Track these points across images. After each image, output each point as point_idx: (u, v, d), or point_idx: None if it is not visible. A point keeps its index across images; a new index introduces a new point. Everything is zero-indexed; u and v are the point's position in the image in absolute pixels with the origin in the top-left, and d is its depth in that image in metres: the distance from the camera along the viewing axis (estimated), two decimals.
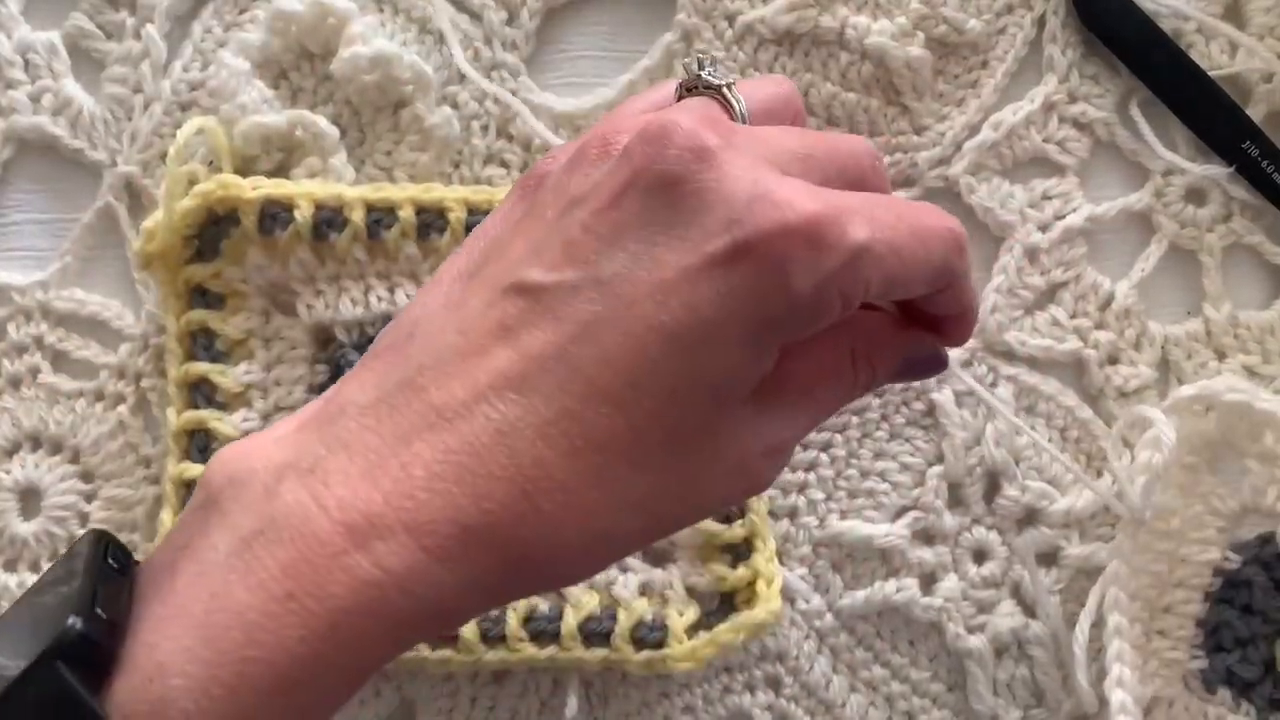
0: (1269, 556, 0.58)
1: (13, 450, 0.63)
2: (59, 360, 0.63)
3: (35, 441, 0.63)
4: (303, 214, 0.57)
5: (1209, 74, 0.63)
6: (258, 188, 0.58)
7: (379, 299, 0.59)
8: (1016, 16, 0.64)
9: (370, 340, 0.58)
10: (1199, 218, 0.63)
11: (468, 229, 0.58)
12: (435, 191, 0.59)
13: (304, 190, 0.58)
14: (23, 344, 0.63)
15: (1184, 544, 0.59)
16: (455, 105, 0.63)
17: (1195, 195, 0.63)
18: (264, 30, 0.62)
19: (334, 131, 0.61)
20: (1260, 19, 0.64)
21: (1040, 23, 0.64)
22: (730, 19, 0.63)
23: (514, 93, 0.63)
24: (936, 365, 0.47)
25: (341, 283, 0.59)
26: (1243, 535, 0.59)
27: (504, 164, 0.63)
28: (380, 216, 0.58)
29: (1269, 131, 0.63)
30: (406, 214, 0.58)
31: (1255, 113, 0.63)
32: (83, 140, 0.64)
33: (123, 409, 0.62)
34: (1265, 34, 0.63)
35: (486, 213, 0.58)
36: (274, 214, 0.58)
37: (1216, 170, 0.62)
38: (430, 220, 0.59)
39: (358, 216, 0.58)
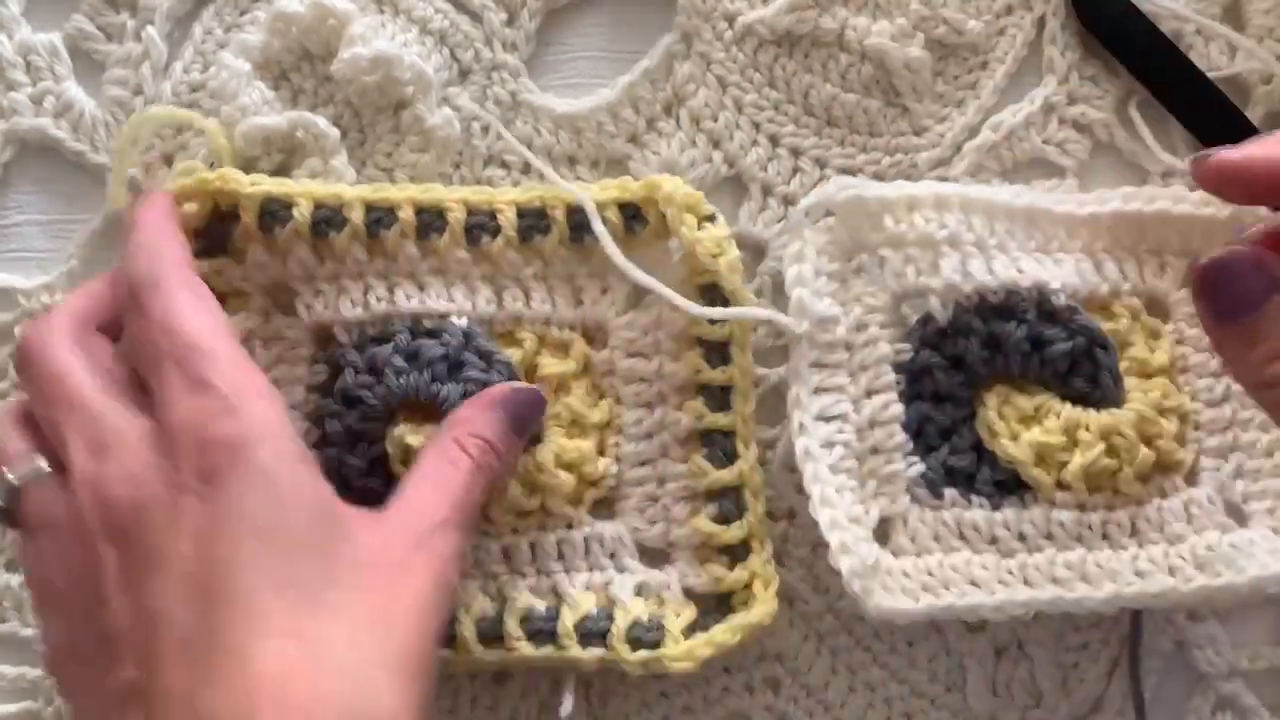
0: (933, 335, 0.59)
1: None
2: None
3: None
4: (302, 211, 0.57)
5: (1208, 75, 0.63)
6: (257, 184, 0.58)
7: (378, 299, 0.58)
8: (1016, 18, 0.64)
9: (370, 340, 0.58)
10: None
11: (468, 230, 0.58)
12: (434, 192, 0.58)
13: (304, 188, 0.58)
14: None
15: (855, 351, 0.59)
16: (456, 107, 0.63)
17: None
18: (264, 31, 0.62)
19: (334, 132, 0.61)
20: (1259, 20, 0.64)
21: (1040, 24, 0.64)
22: (730, 20, 0.63)
23: (513, 94, 0.63)
24: (538, 405, 0.57)
25: (341, 282, 0.58)
26: (907, 322, 0.59)
27: (504, 165, 0.63)
28: (380, 215, 0.58)
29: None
30: (406, 214, 0.58)
31: (1254, 114, 0.63)
32: (84, 143, 0.64)
33: None
34: (1264, 35, 0.64)
35: (488, 213, 0.59)
36: (274, 210, 0.57)
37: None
38: (430, 220, 0.58)
39: (357, 215, 0.57)
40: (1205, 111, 0.63)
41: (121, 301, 0.53)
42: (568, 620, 0.57)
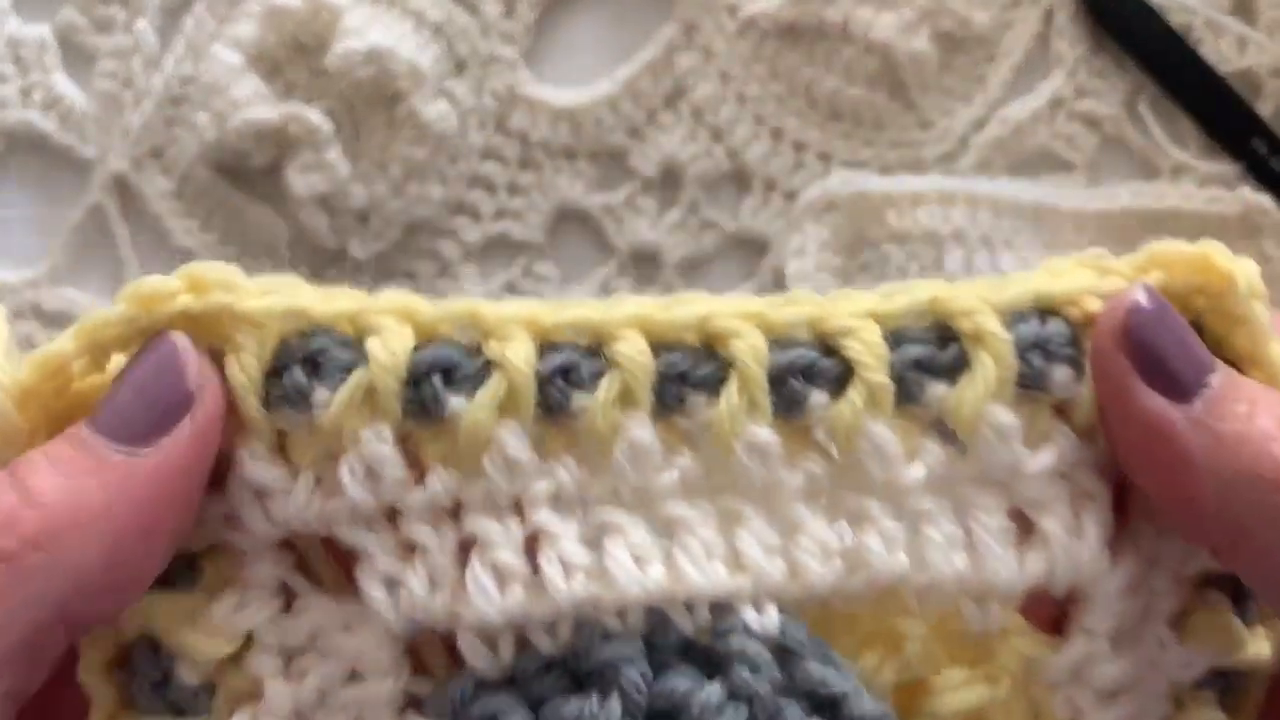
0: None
1: None
2: None
3: None
4: (391, 353, 0.33)
5: (1218, 70, 0.62)
6: (268, 292, 0.34)
7: (564, 566, 0.33)
8: (1023, 10, 0.64)
9: (537, 667, 0.34)
10: None
11: (778, 385, 0.34)
12: (687, 306, 0.35)
13: (392, 304, 0.34)
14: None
15: None
16: (452, 99, 0.63)
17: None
18: (257, 24, 0.62)
19: (328, 126, 0.61)
20: (1270, 14, 0.63)
21: (1048, 17, 0.64)
22: (731, 11, 0.63)
23: (511, 86, 0.63)
24: None
25: (462, 526, 0.34)
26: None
27: (501, 159, 0.63)
28: (569, 363, 0.33)
29: (1279, 127, 0.62)
30: (629, 351, 0.33)
31: (1265, 109, 0.63)
32: (73, 136, 0.63)
33: None
34: (1275, 29, 0.63)
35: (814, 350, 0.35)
36: (314, 357, 0.33)
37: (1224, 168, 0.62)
38: (684, 369, 0.34)
39: (519, 360, 0.33)
40: (1215, 106, 0.63)
41: None
42: None
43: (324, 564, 0.36)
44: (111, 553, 0.32)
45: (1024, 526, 0.35)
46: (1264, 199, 0.62)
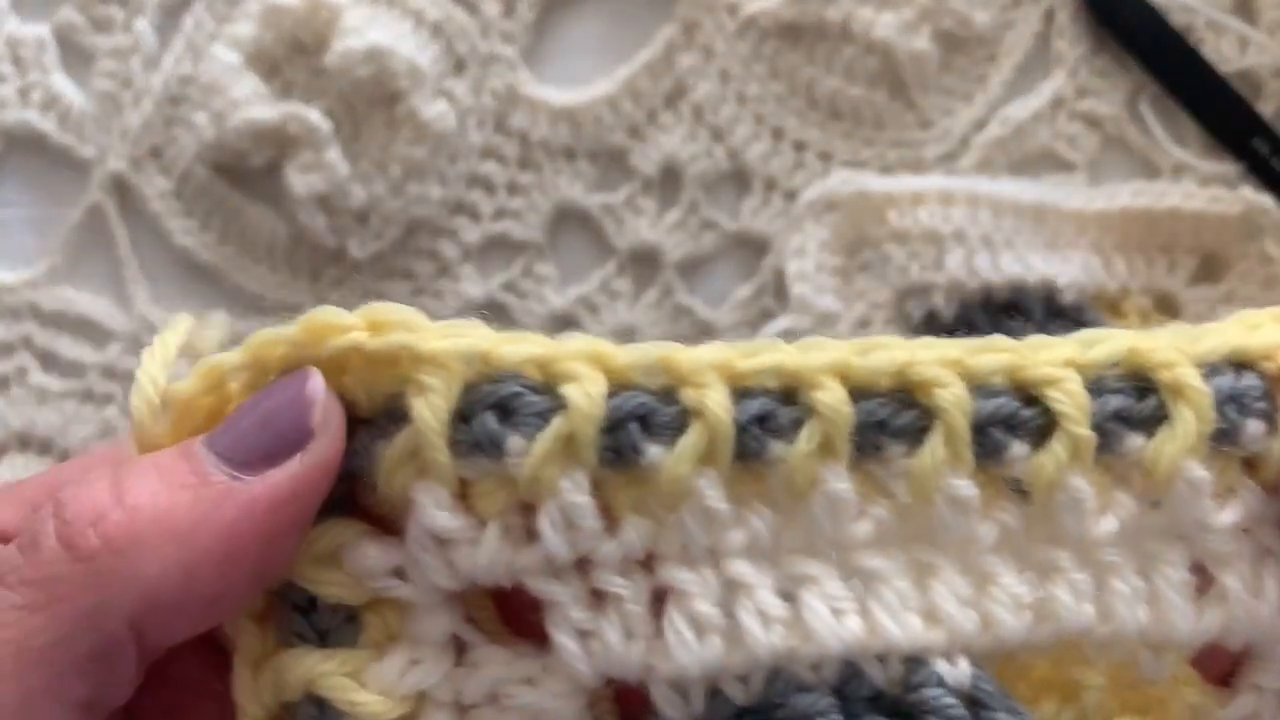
0: (937, 332, 0.57)
1: (1, 451, 0.62)
2: (47, 360, 0.63)
3: (23, 442, 0.63)
4: (588, 395, 0.32)
5: (1219, 70, 0.62)
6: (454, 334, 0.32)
7: (748, 618, 0.33)
8: (1024, 9, 0.63)
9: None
10: None
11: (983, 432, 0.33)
12: (880, 351, 0.33)
13: (582, 349, 0.33)
14: (11, 344, 0.63)
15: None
16: (451, 99, 0.62)
17: None
18: (256, 23, 0.62)
19: (327, 126, 0.60)
20: (1271, 14, 0.63)
21: (1048, 16, 0.63)
22: (732, 11, 0.63)
23: (511, 86, 0.63)
24: None
25: (665, 571, 0.33)
26: (911, 319, 0.58)
27: (501, 159, 0.62)
28: (768, 410, 0.32)
29: None
30: (829, 400, 0.32)
31: (1266, 108, 0.63)
32: (71, 136, 0.63)
33: (111, 410, 0.62)
34: (1276, 29, 0.63)
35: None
36: (507, 399, 0.32)
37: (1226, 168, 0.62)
38: (885, 417, 0.33)
39: (717, 406, 0.32)
40: (1216, 106, 0.62)
41: None
42: None
43: (490, 615, 0.35)
44: (189, 572, 0.32)
45: (1203, 579, 0.35)
46: (1265, 199, 0.62)
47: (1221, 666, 0.37)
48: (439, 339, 0.32)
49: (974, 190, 0.59)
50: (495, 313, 0.63)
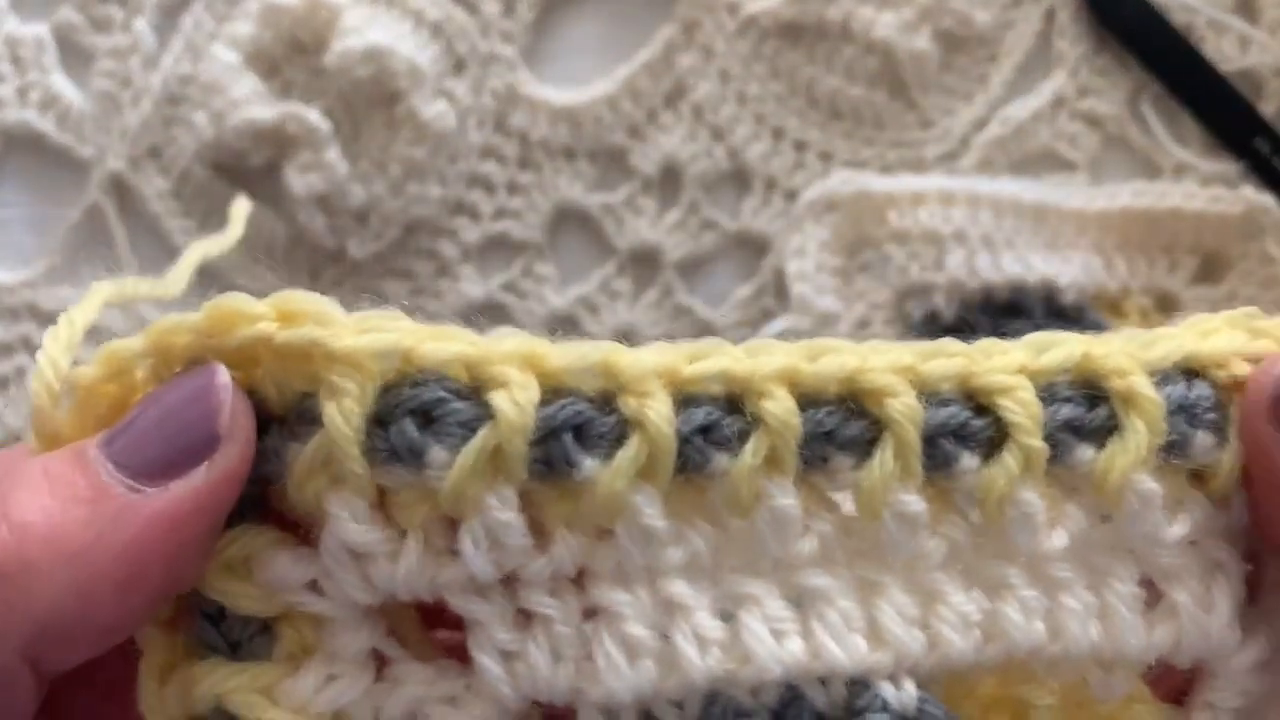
0: (938, 332, 0.57)
1: None
2: None
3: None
4: (517, 399, 0.30)
5: (1221, 69, 0.62)
6: (369, 329, 0.30)
7: (704, 639, 0.31)
8: (1025, 9, 0.63)
9: None
10: None
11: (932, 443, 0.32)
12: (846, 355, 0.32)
13: (514, 350, 0.30)
14: (10, 344, 0.63)
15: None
16: (451, 99, 0.62)
17: None
18: (255, 23, 0.62)
19: (326, 126, 0.60)
20: (1272, 13, 0.63)
21: (1049, 16, 0.63)
22: (732, 11, 0.63)
23: (511, 86, 0.63)
24: None
25: (597, 591, 0.31)
26: (911, 319, 0.58)
27: (500, 159, 0.62)
28: (712, 418, 0.31)
29: None
30: (776, 409, 0.31)
31: (1267, 108, 0.63)
32: (70, 136, 0.63)
33: None
34: (1277, 28, 0.63)
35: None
36: (429, 406, 0.30)
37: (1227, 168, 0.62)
38: (857, 430, 0.32)
39: (657, 416, 0.30)
40: (1218, 106, 0.62)
41: None
42: None
43: (414, 629, 0.33)
44: (85, 597, 0.29)
45: (1151, 593, 0.34)
46: (1266, 198, 0.62)
47: (1176, 684, 0.36)
48: (353, 335, 0.29)
49: (974, 190, 0.59)
50: (495, 313, 0.63)
